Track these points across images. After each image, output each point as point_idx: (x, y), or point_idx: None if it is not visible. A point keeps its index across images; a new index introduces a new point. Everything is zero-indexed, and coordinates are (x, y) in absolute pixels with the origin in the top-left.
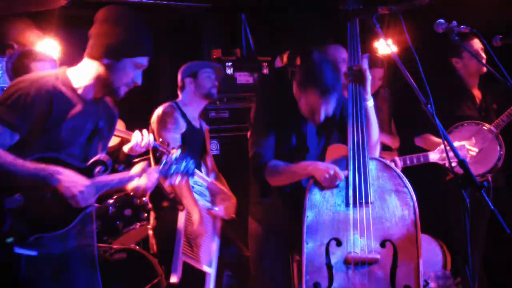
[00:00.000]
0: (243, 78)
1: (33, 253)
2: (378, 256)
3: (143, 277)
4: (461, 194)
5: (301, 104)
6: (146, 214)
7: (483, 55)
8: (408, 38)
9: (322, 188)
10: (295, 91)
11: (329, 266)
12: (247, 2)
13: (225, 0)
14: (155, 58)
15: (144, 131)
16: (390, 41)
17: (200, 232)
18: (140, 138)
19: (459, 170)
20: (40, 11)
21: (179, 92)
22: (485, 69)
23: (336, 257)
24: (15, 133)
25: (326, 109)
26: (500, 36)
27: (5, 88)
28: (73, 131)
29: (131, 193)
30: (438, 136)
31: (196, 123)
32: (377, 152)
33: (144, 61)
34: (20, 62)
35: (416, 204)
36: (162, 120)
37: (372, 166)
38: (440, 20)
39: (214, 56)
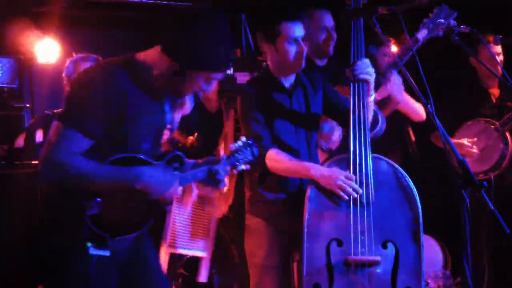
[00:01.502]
0: (243, 78)
1: (106, 253)
2: (379, 258)
3: None
4: (461, 194)
5: (280, 53)
6: None
7: (499, 58)
8: (408, 38)
9: (322, 188)
10: (266, 51)
11: (330, 267)
12: (247, 2)
13: (225, 0)
14: None
15: None
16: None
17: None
18: None
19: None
20: (40, 11)
21: None
22: (500, 71)
23: (336, 258)
24: (91, 140)
25: (302, 36)
26: (500, 36)
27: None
28: (146, 126)
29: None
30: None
31: None
32: None
33: (219, 76)
34: (70, 65)
35: (419, 204)
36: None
37: (374, 165)
38: (440, 20)
39: None
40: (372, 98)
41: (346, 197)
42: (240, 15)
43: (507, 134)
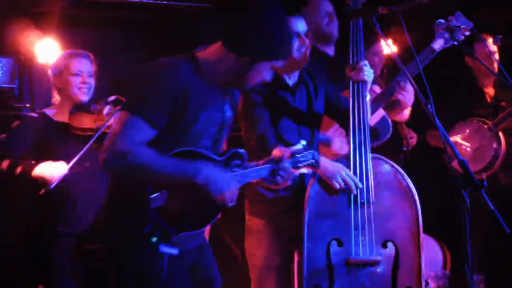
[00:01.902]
0: None
1: (175, 251)
2: (380, 258)
3: None
4: (461, 194)
5: None
6: None
7: (495, 56)
8: (408, 38)
9: (322, 187)
10: None
11: (330, 267)
12: (247, 2)
13: (225, 0)
14: (155, 58)
15: None
16: (390, 41)
17: None
18: None
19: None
20: (40, 11)
21: None
22: (496, 69)
23: (337, 258)
24: (155, 130)
25: (304, 30)
26: (500, 36)
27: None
28: (207, 122)
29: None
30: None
31: None
32: None
33: (279, 63)
34: (60, 60)
35: (418, 204)
36: None
37: (373, 165)
38: (440, 20)
39: None
40: (367, 98)
41: (351, 189)
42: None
43: (500, 134)
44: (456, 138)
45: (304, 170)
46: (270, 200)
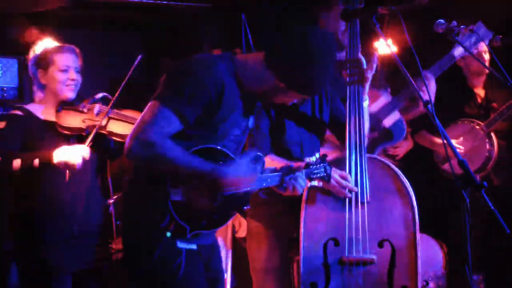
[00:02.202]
0: None
1: (193, 246)
2: (375, 257)
3: None
4: (461, 194)
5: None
6: None
7: (486, 56)
8: (408, 38)
9: (319, 188)
10: None
11: (326, 266)
12: (247, 2)
13: (225, 0)
14: (155, 58)
15: None
16: (390, 41)
17: None
18: None
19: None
20: (40, 11)
21: None
22: (486, 70)
23: (333, 257)
24: (184, 124)
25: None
26: (500, 36)
27: (175, 71)
28: (234, 125)
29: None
30: (433, 132)
31: None
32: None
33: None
34: (44, 54)
35: (415, 203)
36: None
37: (370, 165)
38: (440, 20)
39: None
40: (366, 103)
41: (347, 195)
42: (240, 15)
43: (493, 135)
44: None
45: (315, 183)
46: (268, 202)
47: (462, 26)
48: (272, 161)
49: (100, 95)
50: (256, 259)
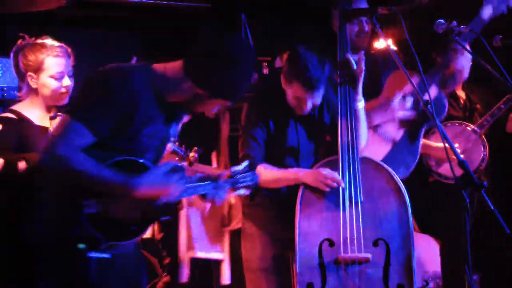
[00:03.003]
0: None
1: (106, 255)
2: (370, 256)
3: None
4: (461, 194)
5: (288, 95)
6: None
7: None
8: (408, 38)
9: (313, 189)
10: (282, 83)
11: (322, 266)
12: (247, 2)
13: (225, 0)
14: (155, 59)
15: None
16: (390, 41)
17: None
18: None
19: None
20: (40, 11)
21: None
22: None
23: (329, 257)
24: (96, 137)
25: (313, 101)
26: (500, 36)
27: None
28: (153, 136)
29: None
30: (424, 136)
31: None
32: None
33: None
34: (34, 56)
35: (408, 203)
36: None
37: (363, 165)
38: (440, 20)
39: None
40: (361, 105)
41: (326, 188)
42: (240, 15)
43: (483, 137)
44: (440, 142)
45: (242, 191)
46: (263, 204)
47: (462, 26)
48: (265, 170)
49: None
50: (250, 260)
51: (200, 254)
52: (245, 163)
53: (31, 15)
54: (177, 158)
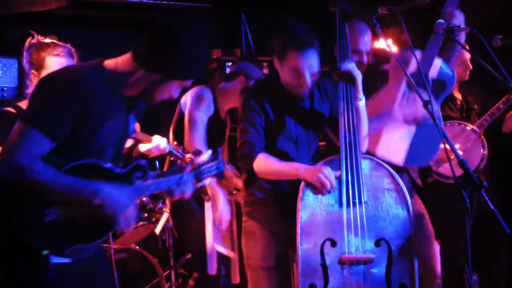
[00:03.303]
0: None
1: (68, 260)
2: (373, 256)
3: (143, 277)
4: (461, 194)
5: (285, 77)
6: (146, 214)
7: (470, 65)
8: (408, 38)
9: (314, 188)
10: (277, 66)
11: (324, 267)
12: (247, 2)
13: (225, 0)
14: None
15: (164, 139)
16: (390, 41)
17: (226, 217)
18: (162, 142)
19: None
20: (40, 11)
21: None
22: (467, 77)
23: (331, 257)
24: (54, 142)
25: (310, 70)
26: (500, 36)
27: (35, 86)
28: (111, 133)
29: (168, 197)
30: None
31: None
32: (364, 147)
33: (190, 82)
34: (37, 54)
35: (409, 202)
36: (195, 99)
37: (364, 165)
38: (440, 20)
39: (214, 56)
40: (362, 103)
41: (321, 191)
42: (240, 15)
43: (482, 136)
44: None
45: (207, 181)
46: (264, 201)
47: (462, 26)
48: (265, 160)
49: None
50: (251, 258)
51: (220, 249)
52: (208, 153)
53: (31, 15)
54: (172, 159)
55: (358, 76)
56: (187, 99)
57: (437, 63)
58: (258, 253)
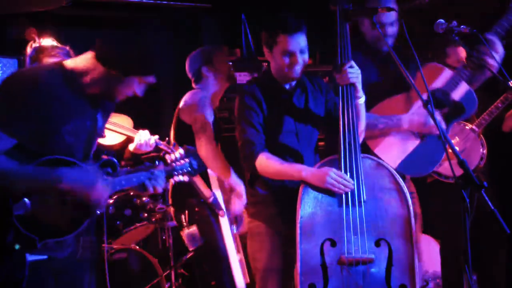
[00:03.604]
0: (243, 78)
1: (43, 257)
2: (373, 256)
3: (143, 277)
4: (461, 194)
5: (276, 63)
6: (146, 214)
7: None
8: (408, 38)
9: (314, 188)
10: (267, 55)
11: (324, 267)
12: (247, 2)
13: (225, 0)
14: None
15: (146, 131)
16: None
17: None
18: (144, 137)
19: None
20: (40, 11)
21: (194, 85)
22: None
23: (330, 257)
24: (14, 140)
25: (300, 50)
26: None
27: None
28: (77, 131)
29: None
30: None
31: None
32: (360, 139)
33: (150, 78)
34: (36, 57)
35: (410, 202)
36: (199, 105)
37: (364, 165)
38: (440, 20)
39: None
40: (362, 100)
41: (341, 192)
42: (240, 15)
43: (482, 136)
44: None
45: (180, 178)
46: (267, 200)
47: (462, 26)
48: (267, 161)
49: None
50: (258, 259)
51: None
52: (180, 150)
53: (31, 15)
54: (161, 154)
55: (358, 76)
56: (187, 100)
57: (465, 86)
58: (264, 254)
